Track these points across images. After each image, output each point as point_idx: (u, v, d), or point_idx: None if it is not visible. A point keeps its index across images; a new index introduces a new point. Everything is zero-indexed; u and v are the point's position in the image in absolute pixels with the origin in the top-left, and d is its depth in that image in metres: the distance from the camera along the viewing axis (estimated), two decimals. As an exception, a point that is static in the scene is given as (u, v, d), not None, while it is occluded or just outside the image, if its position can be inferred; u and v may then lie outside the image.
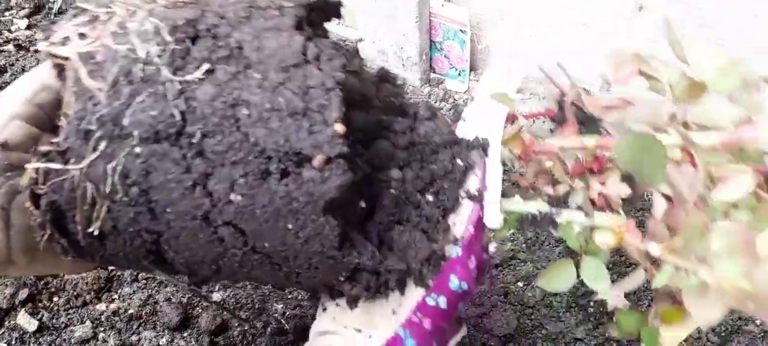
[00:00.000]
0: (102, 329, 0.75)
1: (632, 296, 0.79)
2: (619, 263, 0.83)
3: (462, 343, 0.79)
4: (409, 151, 0.43)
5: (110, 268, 0.77)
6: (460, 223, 0.41)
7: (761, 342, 0.76)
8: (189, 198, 0.36)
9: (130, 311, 0.76)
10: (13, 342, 0.74)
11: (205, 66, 0.36)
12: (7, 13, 1.29)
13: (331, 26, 1.26)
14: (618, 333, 0.48)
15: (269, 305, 0.81)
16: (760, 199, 0.46)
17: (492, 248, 0.86)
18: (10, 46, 1.26)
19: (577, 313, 0.78)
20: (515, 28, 1.05)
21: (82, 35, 0.37)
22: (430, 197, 0.42)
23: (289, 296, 0.82)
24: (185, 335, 0.74)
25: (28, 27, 1.32)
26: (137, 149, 0.35)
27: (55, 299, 0.79)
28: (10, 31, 1.27)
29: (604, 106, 0.47)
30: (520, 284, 0.81)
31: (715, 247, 0.37)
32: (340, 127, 0.35)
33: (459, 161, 0.42)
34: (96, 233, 0.38)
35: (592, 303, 0.79)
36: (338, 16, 0.47)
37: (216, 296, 0.80)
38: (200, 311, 0.77)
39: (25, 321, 0.75)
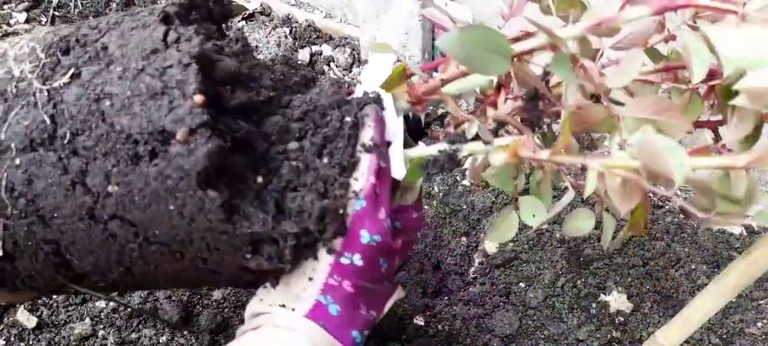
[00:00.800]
0: (102, 326, 0.73)
1: (635, 298, 0.76)
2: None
3: (464, 343, 0.75)
4: (303, 122, 0.43)
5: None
6: (361, 176, 0.41)
7: (762, 344, 0.71)
8: (71, 199, 0.37)
9: (130, 309, 0.75)
10: (12, 339, 0.72)
11: (71, 70, 0.37)
12: (5, 7, 1.22)
13: (334, 24, 1.26)
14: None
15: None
16: (675, 91, 0.43)
17: (492, 248, 0.83)
18: (9, 41, 1.23)
19: (580, 314, 0.74)
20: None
21: (-32, 72, 0.40)
22: (325, 159, 0.41)
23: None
24: (185, 332, 0.72)
25: (27, 21, 1.25)
26: (17, 160, 0.37)
27: (55, 295, 0.75)
28: (9, 24, 1.21)
29: (508, 39, 0.45)
30: (522, 284, 0.78)
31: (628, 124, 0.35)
32: (199, 98, 0.35)
33: (348, 118, 0.42)
34: (1, 254, 0.39)
35: (594, 304, 0.75)
36: (230, 16, 0.48)
37: (216, 295, 0.78)
38: (201, 309, 0.75)
39: (25, 318, 0.72)
